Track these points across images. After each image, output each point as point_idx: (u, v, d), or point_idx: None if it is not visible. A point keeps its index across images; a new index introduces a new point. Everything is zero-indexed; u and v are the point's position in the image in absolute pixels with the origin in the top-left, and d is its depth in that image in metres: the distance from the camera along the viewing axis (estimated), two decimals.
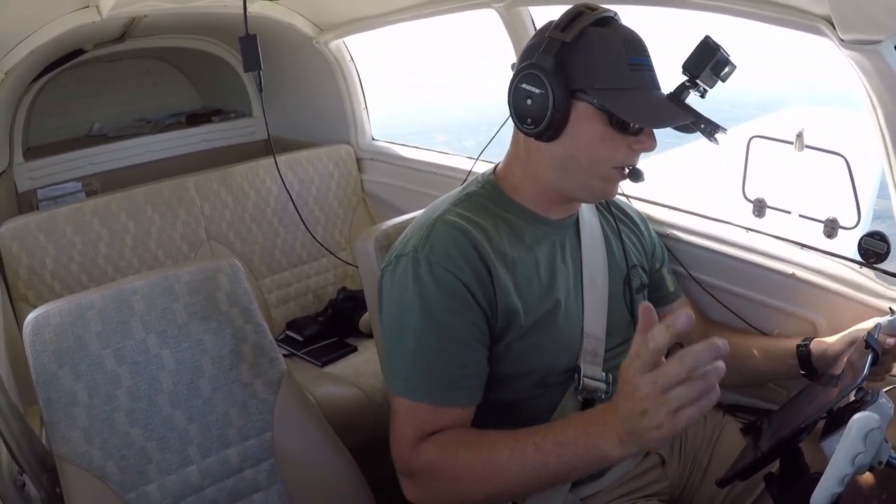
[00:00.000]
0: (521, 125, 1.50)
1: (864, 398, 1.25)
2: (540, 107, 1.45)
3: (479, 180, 1.65)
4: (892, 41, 1.42)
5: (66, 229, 2.69)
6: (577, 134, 1.46)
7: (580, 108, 1.44)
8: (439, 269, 1.43)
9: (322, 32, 3.23)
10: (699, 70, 1.47)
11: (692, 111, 1.47)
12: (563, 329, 1.55)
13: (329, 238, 3.38)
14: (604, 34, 1.44)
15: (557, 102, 1.43)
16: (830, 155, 1.72)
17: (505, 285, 1.48)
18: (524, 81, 1.47)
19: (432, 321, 1.43)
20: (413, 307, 1.44)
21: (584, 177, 1.51)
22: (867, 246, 1.67)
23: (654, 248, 1.85)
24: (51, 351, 1.55)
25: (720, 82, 1.50)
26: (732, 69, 1.50)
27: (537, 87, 1.45)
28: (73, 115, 3.89)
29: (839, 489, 1.11)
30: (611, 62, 1.43)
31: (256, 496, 1.71)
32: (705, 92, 1.51)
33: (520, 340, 1.50)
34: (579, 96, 1.44)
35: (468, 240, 1.47)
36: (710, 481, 1.68)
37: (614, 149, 1.46)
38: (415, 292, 1.44)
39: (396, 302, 1.48)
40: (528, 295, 1.51)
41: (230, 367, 1.71)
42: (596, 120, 1.44)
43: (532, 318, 1.51)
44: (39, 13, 2.44)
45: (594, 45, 1.44)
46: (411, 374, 1.44)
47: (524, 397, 1.55)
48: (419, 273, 1.44)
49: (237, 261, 1.81)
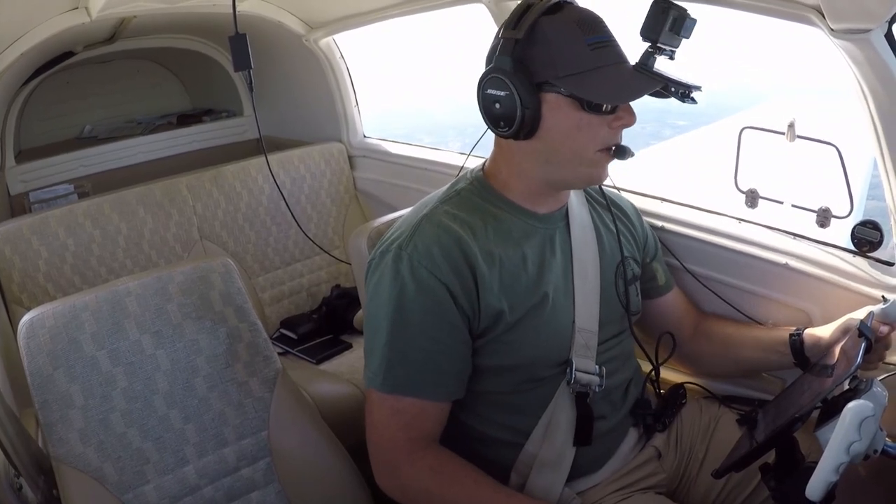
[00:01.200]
0: (495, 130, 1.52)
1: (859, 387, 1.26)
2: (509, 108, 1.46)
3: (467, 177, 1.65)
4: (883, 30, 1.42)
5: (58, 231, 2.68)
6: (553, 126, 1.47)
7: (550, 100, 1.45)
8: (420, 268, 1.45)
9: (312, 30, 3.22)
10: (657, 32, 1.45)
11: (660, 76, 1.45)
12: (551, 323, 1.56)
13: (322, 236, 3.37)
14: (556, 21, 1.45)
15: (524, 100, 1.44)
16: (822, 144, 1.72)
17: (489, 284, 1.49)
18: (488, 87, 1.48)
19: (407, 319, 1.46)
20: (390, 304, 1.47)
21: (571, 165, 1.51)
22: (860, 235, 1.67)
23: (647, 240, 1.85)
24: (45, 353, 1.54)
25: (684, 39, 1.49)
26: (692, 23, 1.47)
27: (502, 90, 1.46)
28: (64, 118, 3.88)
29: (835, 478, 1.11)
30: (568, 47, 1.44)
31: (253, 495, 1.72)
32: (673, 53, 1.49)
33: (507, 334, 1.51)
34: (545, 88, 1.45)
35: (452, 240, 1.48)
36: (707, 473, 1.69)
37: (593, 132, 1.47)
38: (393, 289, 1.47)
39: (376, 297, 1.51)
40: (514, 291, 1.52)
41: (225, 366, 1.71)
42: (568, 108, 1.45)
43: (519, 314, 1.52)
44: (29, 16, 2.43)
45: (548, 35, 1.44)
46: (388, 369, 1.48)
47: (516, 389, 1.57)
48: (400, 270, 1.46)
49: (230, 260, 1.81)
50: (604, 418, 1.64)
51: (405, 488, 1.52)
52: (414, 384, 1.49)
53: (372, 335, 1.52)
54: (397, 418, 1.49)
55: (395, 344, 1.47)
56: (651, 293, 1.85)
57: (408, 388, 1.48)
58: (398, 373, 1.48)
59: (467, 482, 1.48)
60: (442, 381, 1.50)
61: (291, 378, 1.82)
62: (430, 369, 1.48)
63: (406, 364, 1.48)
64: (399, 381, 1.48)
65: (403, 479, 1.50)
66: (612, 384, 1.64)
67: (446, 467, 1.50)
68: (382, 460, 1.53)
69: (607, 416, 1.65)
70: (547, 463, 1.56)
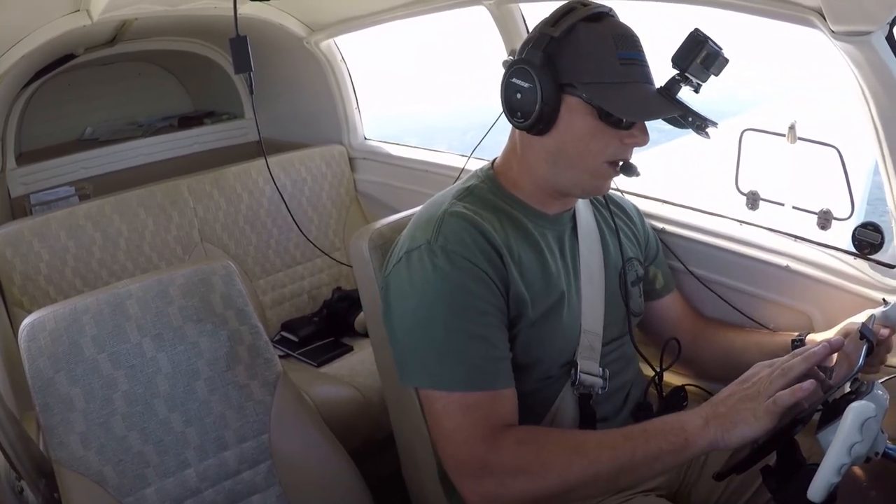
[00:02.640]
0: (511, 119, 1.52)
1: (860, 389, 1.25)
2: (529, 101, 1.46)
3: (478, 175, 1.65)
4: (884, 32, 1.42)
5: (59, 234, 2.68)
6: (567, 128, 1.47)
7: (570, 102, 1.45)
8: (457, 257, 1.44)
9: (313, 33, 3.22)
10: (688, 63, 1.45)
11: (681, 105, 1.46)
12: (565, 322, 1.56)
13: (323, 238, 3.37)
14: (593, 29, 1.45)
15: (546, 96, 1.44)
16: (824, 146, 1.72)
17: (515, 275, 1.48)
18: (514, 76, 1.48)
19: (460, 307, 1.43)
20: (438, 296, 1.44)
21: (576, 171, 1.51)
22: (861, 237, 1.67)
23: (648, 241, 1.85)
24: (46, 356, 1.54)
25: (713, 76, 1.49)
26: (724, 62, 1.47)
27: (526, 82, 1.46)
28: (65, 120, 3.88)
29: (837, 479, 1.11)
30: (599, 57, 1.44)
31: (254, 498, 1.71)
32: (699, 86, 1.49)
33: (527, 331, 1.51)
34: (568, 90, 1.45)
35: (479, 230, 1.47)
36: (708, 475, 1.68)
37: (605, 143, 1.47)
38: (437, 281, 1.44)
39: (417, 295, 1.46)
40: (533, 287, 1.52)
41: (226, 369, 1.71)
42: (586, 114, 1.45)
43: (539, 310, 1.52)
44: (30, 18, 2.44)
45: (582, 40, 1.45)
46: (445, 365, 1.43)
47: (527, 390, 1.55)
48: (437, 263, 1.44)
49: (231, 262, 1.81)
50: (606, 420, 1.63)
51: (500, 484, 1.37)
52: (483, 375, 1.42)
53: (420, 335, 1.46)
54: (472, 415, 1.41)
55: (451, 337, 1.43)
56: (652, 295, 1.86)
57: (476, 382, 1.42)
58: (462, 367, 1.42)
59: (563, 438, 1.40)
60: (504, 366, 1.46)
61: (292, 381, 1.81)
62: (493, 356, 1.44)
63: (468, 356, 1.42)
64: (466, 376, 1.42)
65: (494, 471, 1.38)
66: (615, 386, 1.65)
67: (533, 434, 1.42)
68: (465, 463, 1.40)
69: (609, 417, 1.65)
70: None
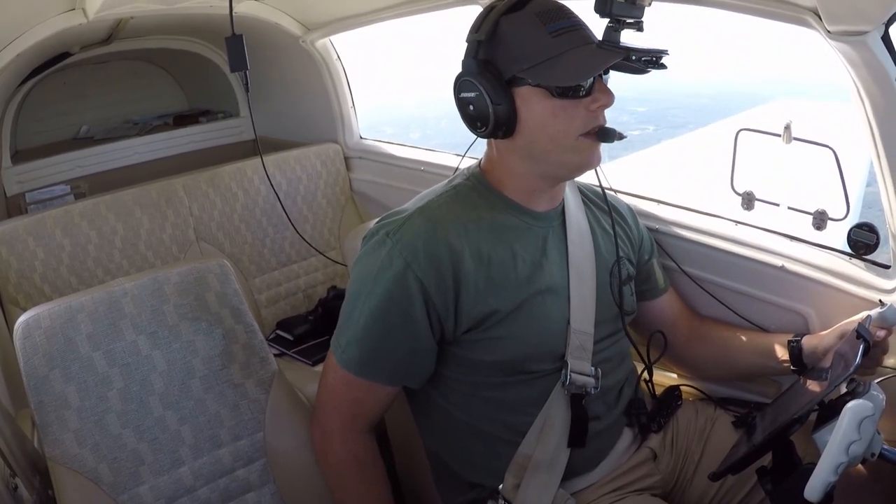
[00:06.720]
0: (475, 131, 1.55)
1: (856, 389, 1.26)
2: (481, 108, 1.48)
3: (465, 173, 1.66)
4: (879, 32, 1.43)
5: (55, 232, 2.68)
6: (528, 119, 1.48)
7: (522, 94, 1.46)
8: (398, 258, 1.48)
9: (308, 31, 3.22)
10: (608, 5, 1.45)
11: (621, 47, 1.45)
12: (541, 321, 1.56)
13: (318, 237, 3.37)
14: (516, 18, 1.47)
15: (493, 98, 1.46)
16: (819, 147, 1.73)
17: (474, 284, 1.50)
18: (461, 91, 1.52)
19: (374, 303, 1.50)
20: (365, 284, 1.52)
21: (555, 155, 1.52)
22: (856, 237, 1.67)
23: (643, 241, 1.85)
24: (41, 353, 1.54)
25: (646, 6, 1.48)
26: None
27: (472, 91, 1.49)
28: (61, 118, 3.87)
29: (834, 478, 1.11)
30: (530, 39, 1.45)
31: (249, 496, 1.71)
32: (640, 24, 1.49)
33: (495, 329, 1.52)
34: (515, 83, 1.47)
35: (440, 237, 1.49)
36: (703, 475, 1.69)
37: (570, 117, 1.47)
38: (371, 270, 1.51)
39: (359, 272, 1.56)
40: (503, 288, 1.52)
41: (221, 367, 1.70)
42: (539, 98, 1.46)
43: (506, 311, 1.52)
44: (25, 16, 2.43)
45: (508, 32, 1.46)
46: (350, 345, 1.55)
47: (508, 384, 1.57)
48: (381, 254, 1.50)
49: (226, 261, 1.81)
50: (598, 418, 1.64)
51: (327, 455, 1.64)
52: (369, 367, 1.55)
53: (349, 308, 1.57)
54: (348, 391, 1.58)
55: (360, 322, 1.53)
56: (647, 295, 1.86)
57: (364, 370, 1.55)
58: (359, 352, 1.54)
59: (370, 489, 1.64)
60: (395, 367, 1.56)
61: (287, 379, 1.81)
62: (385, 356, 1.54)
63: (367, 345, 1.53)
64: (358, 361, 1.54)
65: (331, 447, 1.63)
66: (607, 384, 1.65)
67: (367, 466, 1.64)
68: (323, 420, 1.63)
69: (601, 415, 1.65)
70: (541, 464, 1.56)
